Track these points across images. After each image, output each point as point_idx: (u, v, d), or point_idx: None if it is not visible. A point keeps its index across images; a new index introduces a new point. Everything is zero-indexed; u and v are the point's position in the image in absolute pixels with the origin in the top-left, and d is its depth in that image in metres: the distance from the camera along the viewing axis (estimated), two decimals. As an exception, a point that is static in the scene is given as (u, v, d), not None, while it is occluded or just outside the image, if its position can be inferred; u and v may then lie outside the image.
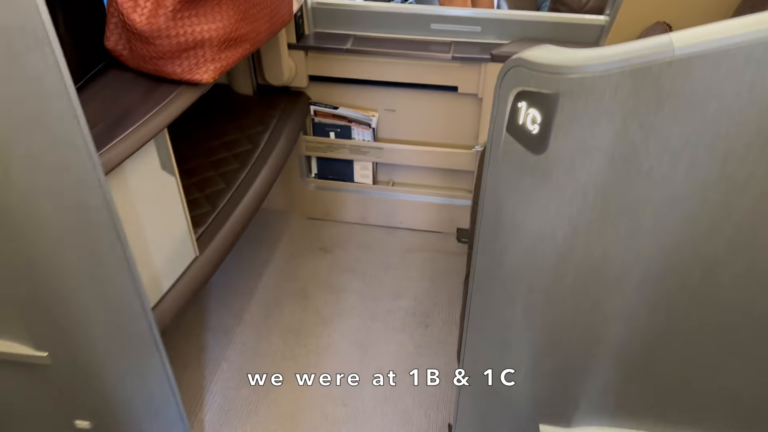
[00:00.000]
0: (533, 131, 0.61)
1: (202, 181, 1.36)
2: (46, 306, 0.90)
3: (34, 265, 0.85)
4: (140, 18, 0.95)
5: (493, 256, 0.73)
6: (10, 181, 0.76)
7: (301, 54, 1.64)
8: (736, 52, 0.51)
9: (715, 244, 0.62)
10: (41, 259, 0.84)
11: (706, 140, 0.56)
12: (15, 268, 0.85)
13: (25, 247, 0.83)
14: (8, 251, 0.83)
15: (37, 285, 0.87)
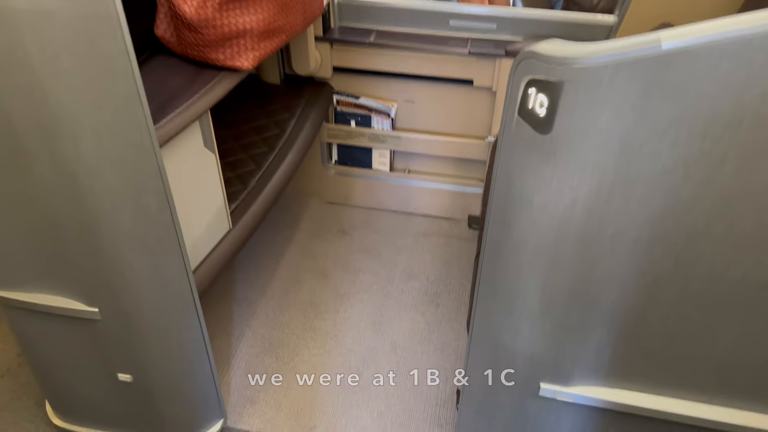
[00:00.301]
0: (541, 114, 0.71)
1: (234, 162, 1.47)
2: (100, 265, 1.01)
3: (94, 227, 0.95)
4: (190, 9, 1.06)
5: (503, 226, 0.83)
6: (79, 150, 0.87)
7: (327, 46, 1.74)
8: (713, 48, 0.61)
9: (695, 215, 0.72)
10: (101, 222, 0.95)
11: (687, 122, 0.65)
12: (76, 231, 0.96)
13: (87, 212, 0.93)
14: (72, 215, 0.94)
15: (95, 246, 0.98)
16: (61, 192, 0.90)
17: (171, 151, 1.04)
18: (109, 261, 1.00)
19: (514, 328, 0.91)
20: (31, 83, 0.79)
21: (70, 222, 0.94)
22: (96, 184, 0.90)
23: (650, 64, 0.63)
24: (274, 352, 1.56)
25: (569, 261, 0.80)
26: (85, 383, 1.23)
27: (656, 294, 0.81)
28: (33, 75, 0.78)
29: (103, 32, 0.79)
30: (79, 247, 0.98)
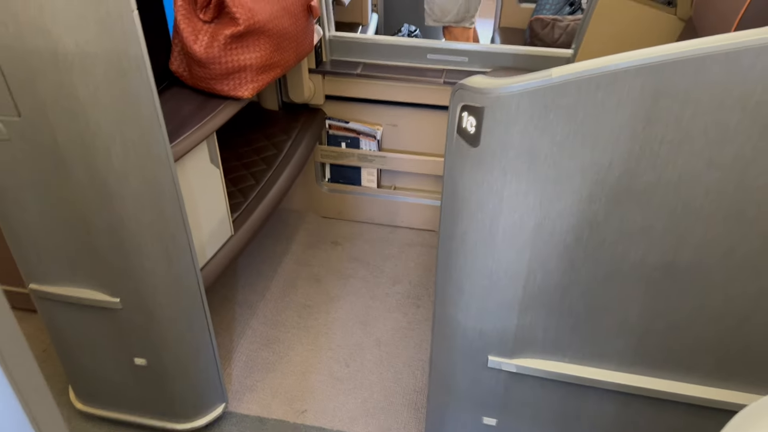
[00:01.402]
0: (471, 132, 0.92)
1: (236, 178, 1.68)
2: (124, 259, 1.21)
3: (119, 225, 1.16)
4: (199, 48, 1.28)
5: (451, 221, 1.03)
6: (110, 161, 1.08)
7: (320, 77, 1.96)
8: (591, 80, 0.81)
9: (594, 209, 0.92)
10: (124, 223, 1.16)
11: (579, 137, 0.85)
12: (105, 229, 1.17)
13: (114, 212, 1.14)
14: (102, 215, 1.15)
15: (119, 241, 1.18)
16: (93, 195, 1.11)
17: (183, 165, 1.25)
18: (131, 255, 1.20)
19: (465, 306, 1.10)
20: (75, 109, 1.00)
21: (99, 221, 1.14)
22: (122, 188, 1.11)
23: (546, 92, 0.83)
24: (271, 348, 1.75)
25: (502, 249, 1.00)
26: (106, 367, 1.43)
27: (573, 276, 1.00)
28: (77, 103, 0.99)
29: (132, 68, 1.01)
30: (106, 242, 1.18)
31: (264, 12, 1.28)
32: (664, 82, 0.79)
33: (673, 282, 0.97)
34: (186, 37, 1.27)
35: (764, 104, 0.78)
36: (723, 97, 0.78)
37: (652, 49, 0.79)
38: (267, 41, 1.33)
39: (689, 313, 0.99)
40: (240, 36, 1.27)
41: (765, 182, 0.84)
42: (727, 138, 0.81)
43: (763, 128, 0.80)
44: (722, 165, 0.84)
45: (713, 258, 0.93)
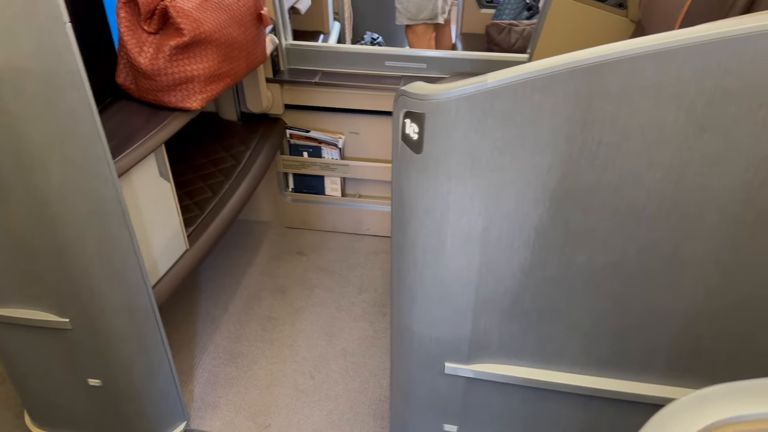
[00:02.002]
0: (414, 138, 0.91)
1: (194, 190, 1.65)
2: (70, 280, 1.18)
3: (63, 247, 1.12)
4: (144, 60, 1.25)
5: (401, 229, 1.02)
6: (50, 180, 1.05)
7: (278, 86, 1.94)
8: (526, 84, 0.81)
9: (539, 212, 0.91)
10: (68, 243, 1.12)
11: (519, 141, 0.85)
12: (49, 252, 1.13)
13: (57, 234, 1.11)
14: (44, 238, 1.11)
15: (64, 263, 1.15)
16: (34, 216, 1.07)
17: (129, 180, 1.22)
18: (77, 276, 1.17)
19: (419, 314, 1.09)
20: (9, 125, 0.97)
21: (42, 242, 1.11)
22: (64, 209, 1.08)
23: (483, 97, 0.83)
24: (234, 363, 1.72)
25: (452, 255, 0.99)
26: (60, 389, 1.38)
27: (523, 280, 1.00)
28: (11, 118, 0.96)
29: (68, 84, 0.98)
30: (51, 264, 1.15)
31: (210, 22, 1.27)
32: (598, 83, 0.79)
33: (620, 283, 0.97)
34: (130, 49, 1.25)
35: (698, 103, 0.78)
36: (657, 97, 0.79)
37: (585, 51, 0.79)
38: (214, 51, 1.31)
39: (638, 313, 1.00)
40: (186, 46, 1.25)
41: (704, 181, 0.85)
42: (665, 138, 0.82)
43: (699, 127, 0.80)
44: (661, 165, 0.84)
45: (659, 258, 0.93)
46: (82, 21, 1.24)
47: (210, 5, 1.27)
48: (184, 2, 1.22)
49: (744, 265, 0.92)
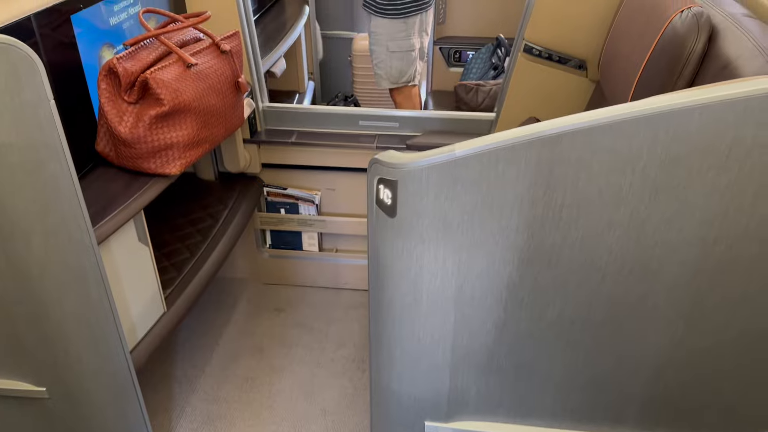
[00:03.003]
0: (388, 203, 0.95)
1: (171, 251, 1.66)
2: (47, 348, 1.17)
3: (42, 314, 1.13)
4: (124, 129, 1.29)
5: (378, 288, 1.05)
6: (31, 249, 1.06)
7: (255, 147, 1.99)
8: (491, 153, 0.86)
9: (508, 271, 0.95)
10: (47, 311, 1.13)
11: (486, 206, 0.90)
12: (27, 319, 1.13)
13: (36, 301, 1.11)
14: (23, 306, 1.11)
15: (43, 331, 1.15)
16: (13, 285, 1.08)
17: (109, 247, 1.23)
18: (55, 343, 1.17)
19: (398, 373, 1.11)
20: (-10, 199, 0.99)
21: (21, 310, 1.11)
22: (44, 276, 1.09)
23: (451, 166, 0.88)
24: (212, 425, 1.69)
25: (428, 314, 1.02)
26: (33, 461, 1.35)
27: (498, 336, 1.03)
28: (-8, 193, 0.98)
29: (50, 157, 1.01)
30: (28, 332, 1.14)
31: (189, 91, 1.31)
32: (557, 152, 0.85)
33: (590, 337, 1.01)
34: (111, 119, 1.28)
35: (651, 168, 0.84)
36: (612, 163, 0.85)
37: (544, 123, 0.85)
38: (193, 119, 1.35)
39: (609, 366, 1.03)
40: (165, 115, 1.29)
41: (662, 238, 0.90)
42: (621, 200, 0.87)
43: (653, 189, 0.86)
44: (620, 224, 0.89)
45: (624, 312, 0.97)
46: (64, 94, 1.27)
47: (189, 75, 1.32)
48: (163, 73, 1.27)
49: (706, 317, 0.96)
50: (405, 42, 2.41)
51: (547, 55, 1.74)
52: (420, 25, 2.42)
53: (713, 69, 1.06)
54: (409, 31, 2.39)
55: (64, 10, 1.25)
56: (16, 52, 0.91)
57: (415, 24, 2.40)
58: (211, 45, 1.43)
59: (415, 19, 2.38)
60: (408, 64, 2.47)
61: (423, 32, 2.46)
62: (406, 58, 2.45)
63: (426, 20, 2.48)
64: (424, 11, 2.40)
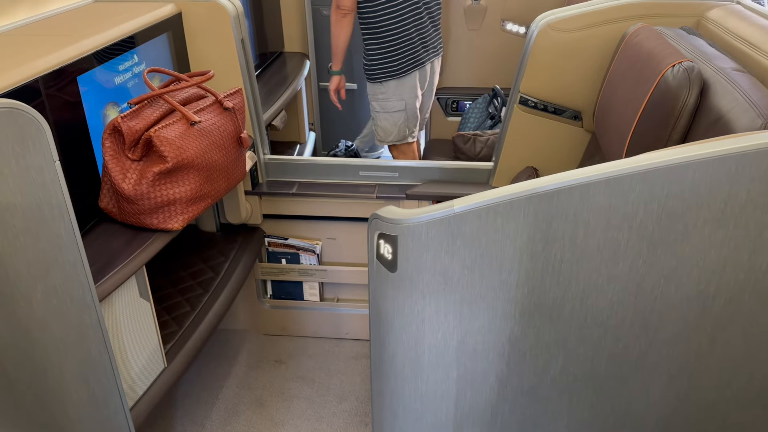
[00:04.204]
0: (388, 258, 0.96)
1: (171, 305, 1.66)
2: (46, 409, 1.16)
3: (42, 375, 1.12)
4: (128, 186, 1.31)
5: (379, 344, 1.05)
6: (32, 310, 1.06)
7: (256, 198, 2.01)
8: (489, 209, 0.87)
9: (510, 325, 0.95)
10: (47, 372, 1.12)
11: (486, 259, 0.90)
12: (27, 379, 1.12)
13: (36, 361, 1.10)
14: (23, 366, 1.11)
15: (41, 392, 1.14)
16: (13, 345, 1.07)
17: (110, 304, 1.23)
18: (54, 404, 1.15)
19: (400, 431, 1.09)
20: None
21: (20, 372, 1.10)
22: (44, 336, 1.08)
23: (450, 222, 0.89)
24: (212, 483, 1.65)
25: (430, 369, 1.02)
26: None
27: (501, 391, 1.02)
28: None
29: (54, 216, 1.02)
30: (27, 392, 1.13)
31: (192, 148, 1.34)
32: (555, 207, 0.86)
33: (594, 392, 1.00)
34: (114, 176, 1.30)
35: (648, 223, 0.85)
36: (609, 218, 0.86)
37: (541, 179, 0.86)
38: (196, 175, 1.37)
39: (613, 420, 1.02)
40: (169, 172, 1.31)
41: (661, 293, 0.90)
42: (620, 254, 0.88)
43: (651, 244, 0.87)
44: (619, 278, 0.90)
45: (627, 365, 0.97)
46: (68, 152, 1.30)
47: (192, 132, 1.35)
48: (167, 131, 1.30)
49: (709, 372, 0.96)
50: (386, 103, 2.44)
51: (542, 106, 1.78)
52: (410, 87, 2.43)
53: (706, 122, 1.09)
54: (389, 93, 2.42)
55: (70, 71, 1.29)
56: (23, 116, 0.94)
57: (400, 86, 2.41)
58: (214, 102, 1.47)
59: (392, 83, 2.39)
60: (392, 124, 2.49)
61: (415, 92, 2.47)
62: (390, 119, 2.48)
63: (423, 79, 2.49)
64: (406, 75, 2.41)
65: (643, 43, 1.37)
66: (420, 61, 2.42)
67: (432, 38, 2.46)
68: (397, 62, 2.36)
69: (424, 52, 2.42)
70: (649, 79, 1.23)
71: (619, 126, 1.35)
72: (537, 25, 1.70)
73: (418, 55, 2.40)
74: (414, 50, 2.37)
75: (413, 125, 2.54)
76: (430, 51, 2.46)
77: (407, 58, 2.37)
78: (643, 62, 1.31)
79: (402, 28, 2.32)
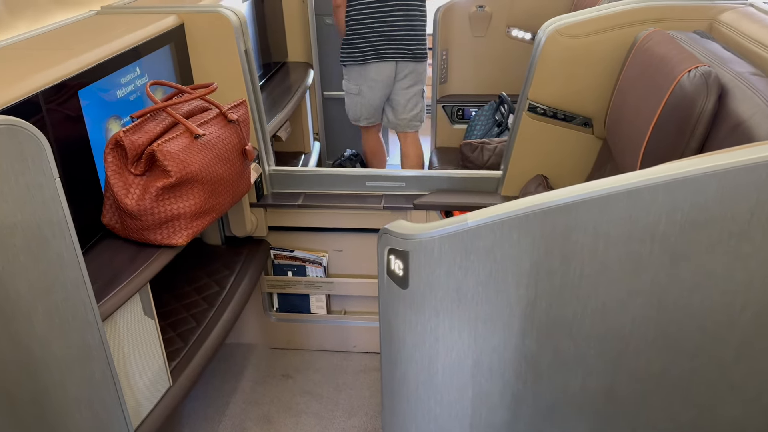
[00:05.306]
0: (400, 274, 0.92)
1: (176, 321, 1.63)
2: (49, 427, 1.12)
3: (42, 397, 1.09)
4: (131, 201, 1.28)
5: (390, 363, 1.01)
6: (33, 328, 1.03)
7: (262, 210, 1.98)
8: (504, 223, 0.84)
9: (527, 343, 0.92)
10: (49, 392, 1.09)
11: (500, 274, 0.87)
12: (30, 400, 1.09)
13: (38, 380, 1.07)
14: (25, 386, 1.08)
15: (43, 413, 1.11)
16: (15, 364, 1.04)
17: (114, 322, 1.20)
18: (56, 426, 1.12)
19: (413, 451, 1.06)
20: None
21: (23, 392, 1.07)
22: (47, 355, 1.05)
23: (464, 236, 0.86)
24: (219, 503, 1.62)
25: (444, 389, 0.98)
26: None
27: (518, 411, 0.98)
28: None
29: (55, 234, 0.99)
30: (28, 413, 1.10)
31: (196, 162, 1.31)
32: (573, 220, 0.82)
33: (614, 408, 0.96)
34: (117, 192, 1.28)
35: (671, 235, 0.82)
36: (631, 230, 0.82)
37: (558, 191, 0.83)
38: (200, 189, 1.35)
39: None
40: (172, 186, 1.29)
41: (685, 305, 0.86)
42: (642, 267, 0.84)
43: (674, 256, 0.83)
44: (642, 292, 0.86)
45: (649, 381, 0.93)
46: (70, 167, 1.27)
47: (196, 146, 1.32)
48: (170, 145, 1.27)
49: (733, 386, 0.92)
50: (347, 84, 2.76)
51: (552, 113, 1.75)
52: (367, 76, 2.67)
53: (725, 129, 1.05)
54: (350, 77, 2.73)
55: (71, 85, 1.26)
56: (22, 133, 0.91)
57: (358, 73, 2.68)
58: (218, 114, 1.44)
59: (353, 68, 2.68)
60: (348, 104, 2.80)
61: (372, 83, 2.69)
62: (347, 99, 2.79)
63: (386, 75, 2.68)
64: (363, 64, 2.64)
65: (656, 48, 1.34)
66: (380, 56, 2.62)
67: (405, 40, 2.63)
68: (357, 50, 2.62)
69: (390, 49, 2.62)
70: (663, 85, 1.20)
71: (633, 134, 1.31)
72: (545, 31, 1.67)
73: (380, 50, 2.61)
74: (376, 44, 2.60)
75: (366, 112, 2.78)
76: (399, 51, 2.64)
77: (366, 49, 2.61)
78: (657, 67, 1.27)
79: (366, 21, 2.58)
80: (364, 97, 2.74)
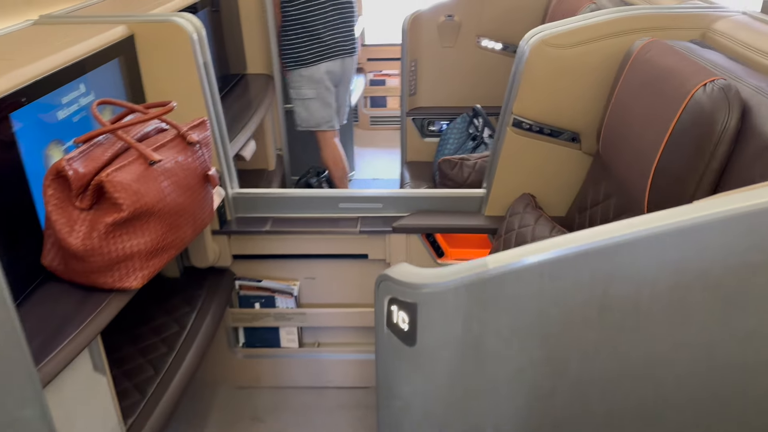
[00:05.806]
0: (405, 329, 0.78)
1: (132, 369, 1.44)
2: None
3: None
4: (76, 240, 1.10)
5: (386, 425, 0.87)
6: (-47, 408, 0.84)
7: (225, 238, 1.81)
8: (531, 269, 0.71)
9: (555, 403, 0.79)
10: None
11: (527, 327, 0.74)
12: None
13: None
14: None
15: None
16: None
17: (58, 386, 1.02)
18: None
19: None
20: None
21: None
22: (-29, 441, 0.86)
23: (484, 284, 0.72)
24: None
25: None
26: None
27: None
28: None
29: (-20, 291, 0.81)
30: None
31: (151, 192, 1.14)
32: (615, 264, 0.70)
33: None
34: (59, 229, 1.09)
35: (726, 280, 0.70)
36: (679, 276, 0.70)
37: (596, 230, 0.70)
38: (157, 223, 1.17)
39: None
40: (124, 222, 1.11)
41: (737, 359, 0.75)
42: (690, 318, 0.73)
43: (727, 304, 0.72)
44: (689, 345, 0.74)
45: (694, 443, 0.81)
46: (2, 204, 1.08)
47: (152, 173, 1.15)
48: (121, 174, 1.10)
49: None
50: (300, 90, 2.71)
51: (537, 128, 1.64)
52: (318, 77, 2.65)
53: (753, 149, 0.95)
54: (302, 81, 2.67)
55: (2, 106, 1.07)
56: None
57: (308, 75, 2.64)
58: (176, 136, 1.27)
59: (301, 71, 2.64)
60: (306, 111, 2.73)
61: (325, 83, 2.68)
62: (303, 105, 2.73)
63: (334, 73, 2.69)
64: (312, 65, 2.62)
65: (658, 59, 1.24)
66: (327, 55, 2.62)
67: (344, 36, 2.66)
68: (304, 52, 2.60)
69: (335, 47, 2.64)
70: (674, 99, 1.10)
71: (639, 152, 1.21)
72: (528, 42, 1.56)
73: (326, 49, 2.61)
74: (321, 44, 2.60)
75: (327, 114, 2.74)
76: (340, 48, 2.66)
77: (314, 50, 2.60)
78: (664, 80, 1.18)
79: (307, 22, 2.56)
80: (322, 99, 2.70)
